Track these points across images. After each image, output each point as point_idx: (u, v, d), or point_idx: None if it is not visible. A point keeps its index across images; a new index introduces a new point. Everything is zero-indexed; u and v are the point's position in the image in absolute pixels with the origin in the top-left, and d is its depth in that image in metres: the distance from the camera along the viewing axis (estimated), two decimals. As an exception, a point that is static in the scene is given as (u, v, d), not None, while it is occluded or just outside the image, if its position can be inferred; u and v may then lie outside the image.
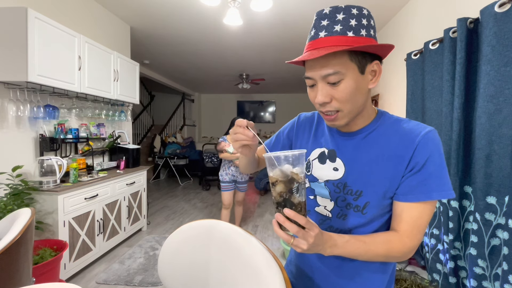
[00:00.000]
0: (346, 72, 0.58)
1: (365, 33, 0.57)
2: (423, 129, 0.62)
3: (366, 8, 0.60)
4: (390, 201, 0.65)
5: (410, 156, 0.61)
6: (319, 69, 0.59)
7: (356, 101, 0.61)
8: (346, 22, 0.57)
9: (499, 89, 1.35)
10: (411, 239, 0.61)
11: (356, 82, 0.59)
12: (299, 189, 0.53)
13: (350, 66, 0.58)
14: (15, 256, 1.02)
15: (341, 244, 0.59)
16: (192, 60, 4.86)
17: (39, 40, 1.89)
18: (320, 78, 0.59)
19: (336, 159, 0.70)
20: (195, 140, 8.40)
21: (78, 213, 2.17)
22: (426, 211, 0.61)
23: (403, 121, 0.67)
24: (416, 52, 2.19)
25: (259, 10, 2.71)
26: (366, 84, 0.61)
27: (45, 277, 1.73)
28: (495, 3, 1.35)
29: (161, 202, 4.69)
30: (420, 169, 0.60)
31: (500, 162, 1.36)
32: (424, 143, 0.60)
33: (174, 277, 0.81)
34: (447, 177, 0.61)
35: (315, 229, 0.53)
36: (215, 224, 0.77)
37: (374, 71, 0.62)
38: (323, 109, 0.63)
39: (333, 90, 0.60)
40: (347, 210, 0.68)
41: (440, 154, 0.61)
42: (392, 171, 0.62)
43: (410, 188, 0.61)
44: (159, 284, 2.14)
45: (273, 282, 0.61)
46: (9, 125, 1.98)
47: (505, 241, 1.31)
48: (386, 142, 0.65)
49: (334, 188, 0.70)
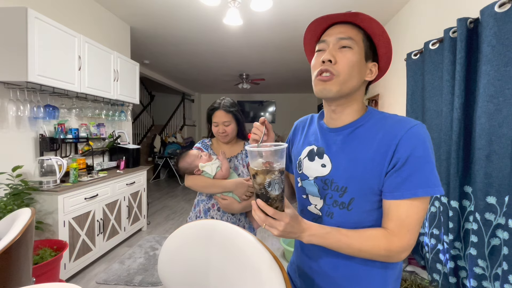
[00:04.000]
0: (356, 46, 0.64)
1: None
2: (408, 124, 0.62)
3: None
4: (380, 197, 0.64)
5: (393, 152, 0.61)
6: (337, 33, 0.66)
7: (352, 74, 0.64)
8: None
9: (499, 89, 1.35)
10: (400, 238, 0.59)
11: (359, 60, 0.65)
12: (272, 183, 0.56)
13: (360, 44, 0.65)
14: (15, 256, 1.02)
15: (320, 235, 0.61)
16: (192, 60, 4.86)
17: (39, 40, 1.89)
18: (335, 40, 0.65)
19: (324, 155, 0.71)
20: (195, 140, 8.40)
21: (78, 213, 2.17)
22: (414, 209, 0.59)
23: (391, 116, 0.67)
24: (416, 52, 2.19)
25: (259, 10, 2.71)
26: (364, 71, 0.67)
27: (45, 277, 1.73)
28: (495, 3, 1.35)
29: (161, 202, 4.69)
30: (403, 165, 0.59)
31: (500, 162, 1.36)
32: (407, 138, 0.60)
33: (174, 277, 0.81)
34: (434, 172, 0.59)
35: (285, 219, 0.57)
36: (215, 224, 0.77)
37: (371, 70, 0.68)
38: (323, 67, 0.65)
39: (340, 55, 0.64)
40: (334, 208, 0.69)
41: (425, 149, 0.59)
42: (376, 167, 0.62)
43: (395, 185, 0.60)
44: (159, 284, 2.14)
45: (273, 282, 0.61)
46: (9, 125, 1.98)
47: (505, 241, 1.31)
48: (371, 138, 0.65)
49: (322, 184, 0.70)
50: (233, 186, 1.21)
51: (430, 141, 0.61)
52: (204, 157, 1.26)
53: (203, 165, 1.22)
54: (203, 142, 1.42)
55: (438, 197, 1.84)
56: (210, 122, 1.34)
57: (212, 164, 1.23)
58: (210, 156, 1.28)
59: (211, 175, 1.22)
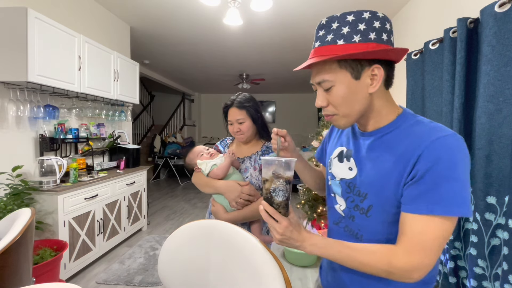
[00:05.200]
0: (336, 79, 0.61)
1: (359, 38, 0.58)
2: (437, 133, 0.56)
3: (370, 11, 0.59)
4: (398, 210, 0.60)
5: (414, 162, 0.56)
6: (314, 76, 0.64)
7: (351, 105, 0.62)
8: (338, 31, 0.59)
9: (499, 89, 1.35)
10: (409, 254, 0.54)
11: (349, 87, 0.61)
12: (277, 189, 0.62)
13: (340, 73, 0.60)
14: (15, 256, 1.02)
15: (321, 245, 0.61)
16: (192, 60, 4.86)
17: (39, 40, 1.89)
18: (316, 85, 0.65)
19: (351, 158, 0.71)
20: (195, 140, 8.40)
21: (78, 213, 2.17)
22: (431, 227, 0.53)
23: (424, 123, 0.61)
24: (416, 52, 2.19)
25: (259, 10, 2.71)
26: (364, 88, 0.61)
27: (45, 277, 1.73)
28: (495, 3, 1.35)
29: (161, 202, 4.69)
30: (421, 178, 0.54)
31: (500, 162, 1.36)
32: (432, 148, 0.54)
33: (174, 277, 0.81)
34: (460, 191, 0.52)
35: (284, 222, 0.60)
36: (215, 224, 0.77)
37: (375, 75, 0.61)
38: (323, 112, 0.67)
39: (328, 95, 0.63)
40: (355, 212, 0.68)
41: (454, 164, 0.53)
42: (396, 176, 0.59)
43: (412, 197, 0.56)
44: (159, 284, 2.14)
45: (273, 282, 0.61)
46: (9, 125, 1.98)
47: (505, 241, 1.31)
48: (397, 145, 0.61)
49: (346, 187, 0.71)
50: (223, 188, 1.10)
51: (463, 155, 0.54)
52: (205, 155, 1.21)
53: (200, 162, 1.18)
54: (223, 140, 1.36)
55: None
56: (227, 121, 1.24)
57: (209, 162, 1.15)
58: (212, 155, 1.20)
59: (205, 173, 1.16)
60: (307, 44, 3.97)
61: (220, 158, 1.16)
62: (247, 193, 1.09)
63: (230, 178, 1.14)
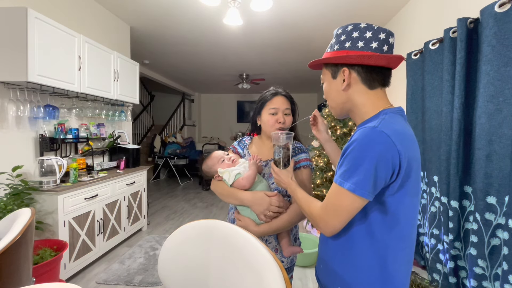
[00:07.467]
0: (324, 78, 0.81)
1: (337, 47, 0.75)
2: (364, 124, 0.71)
3: (354, 24, 0.73)
4: None
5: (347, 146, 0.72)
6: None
7: (332, 98, 0.80)
8: (330, 42, 0.79)
9: (499, 89, 1.36)
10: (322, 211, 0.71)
11: (330, 84, 0.80)
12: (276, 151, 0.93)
13: (326, 73, 0.80)
14: (15, 256, 1.02)
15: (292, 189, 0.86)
16: (192, 60, 4.86)
17: (39, 40, 1.89)
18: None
19: None
20: (195, 140, 8.39)
21: (78, 213, 2.17)
22: (337, 194, 0.68)
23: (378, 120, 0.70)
24: (416, 52, 2.19)
25: (259, 10, 2.71)
26: (338, 86, 0.76)
27: (45, 277, 1.73)
28: (495, 3, 1.35)
29: (161, 202, 4.69)
30: (342, 155, 0.70)
31: (500, 162, 1.36)
32: (354, 135, 0.68)
33: (174, 277, 0.81)
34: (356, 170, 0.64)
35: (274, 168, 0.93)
36: (216, 224, 0.77)
37: (344, 76, 0.75)
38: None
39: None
40: None
41: (361, 149, 0.65)
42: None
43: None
44: (159, 284, 2.14)
45: (273, 282, 0.61)
46: (9, 125, 1.98)
47: (505, 241, 1.31)
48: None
49: None
50: (250, 200, 0.98)
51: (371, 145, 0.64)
52: (226, 161, 1.07)
53: (222, 171, 1.05)
54: (241, 141, 1.22)
55: (438, 197, 1.84)
56: (259, 113, 1.11)
57: (233, 170, 1.03)
58: (234, 161, 1.07)
59: (229, 183, 1.03)
60: (307, 44, 3.97)
61: (244, 165, 1.05)
62: (276, 205, 0.98)
63: (256, 187, 1.03)
